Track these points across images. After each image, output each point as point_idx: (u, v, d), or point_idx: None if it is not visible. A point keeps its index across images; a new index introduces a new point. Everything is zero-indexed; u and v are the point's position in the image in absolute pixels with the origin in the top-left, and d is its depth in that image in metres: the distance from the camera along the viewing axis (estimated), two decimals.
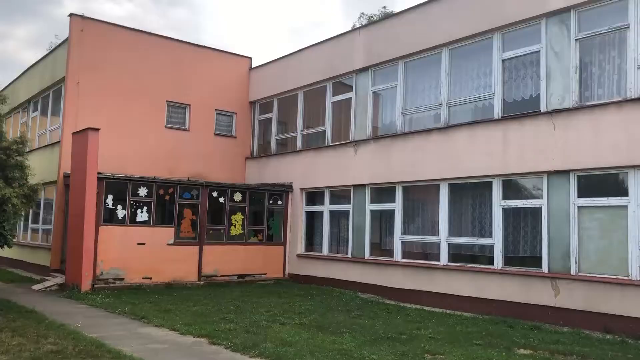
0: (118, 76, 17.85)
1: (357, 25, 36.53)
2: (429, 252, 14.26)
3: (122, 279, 14.91)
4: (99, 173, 14.62)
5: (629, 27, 10.77)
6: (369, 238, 15.62)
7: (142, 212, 15.38)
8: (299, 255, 17.76)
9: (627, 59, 10.79)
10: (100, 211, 14.70)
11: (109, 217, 15.20)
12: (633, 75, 10.63)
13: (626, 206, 10.45)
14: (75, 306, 12.16)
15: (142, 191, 15.41)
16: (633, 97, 10.54)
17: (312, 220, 18.00)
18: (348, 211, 16.32)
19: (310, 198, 18.08)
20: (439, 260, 13.64)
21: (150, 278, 15.33)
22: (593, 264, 10.88)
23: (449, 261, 13.46)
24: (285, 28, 69.72)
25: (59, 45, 18.61)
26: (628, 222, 10.38)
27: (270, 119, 20.16)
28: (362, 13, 42.44)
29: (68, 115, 16.99)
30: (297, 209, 18.06)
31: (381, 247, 15.79)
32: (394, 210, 14.96)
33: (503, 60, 12.89)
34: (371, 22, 19.46)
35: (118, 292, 13.93)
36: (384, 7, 36.24)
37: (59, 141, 17.24)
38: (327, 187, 17.18)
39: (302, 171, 18.04)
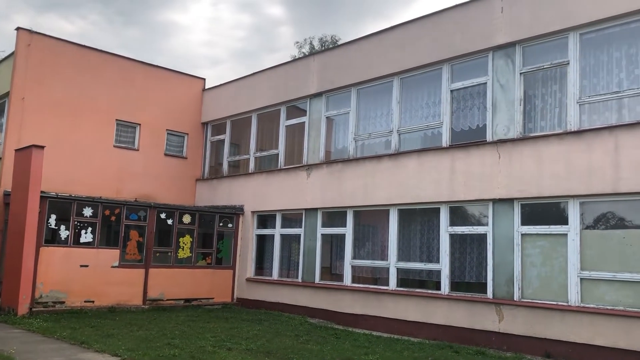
0: (66, 93, 17.40)
1: (302, 45, 38.45)
2: (378, 277, 14.35)
3: (63, 302, 14.34)
4: (42, 192, 14.11)
5: (568, 63, 11.33)
6: (320, 262, 15.59)
7: (86, 233, 14.90)
8: (248, 280, 17.54)
9: (567, 93, 11.32)
10: (42, 231, 14.16)
11: (51, 238, 14.65)
12: (572, 109, 11.15)
13: (566, 234, 10.85)
14: (9, 331, 11.56)
15: (87, 211, 14.95)
16: (573, 130, 11.04)
17: (263, 243, 17.86)
18: (299, 235, 16.29)
19: (261, 221, 17.95)
20: (387, 285, 13.75)
21: (93, 301, 14.81)
22: (535, 290, 11.20)
23: (398, 286, 13.58)
24: (239, 52, 69.88)
25: (4, 59, 18.02)
26: (568, 250, 10.77)
27: (222, 141, 20.02)
28: (307, 38, 43.84)
29: (11, 131, 16.39)
30: (248, 232, 17.89)
31: (331, 271, 15.79)
32: (344, 234, 15.04)
33: (452, 91, 13.29)
34: (325, 49, 19.77)
35: (58, 316, 13.36)
36: (338, 38, 38.13)
37: (0, 158, 16.59)
38: (278, 211, 17.12)
39: (253, 194, 17.94)
